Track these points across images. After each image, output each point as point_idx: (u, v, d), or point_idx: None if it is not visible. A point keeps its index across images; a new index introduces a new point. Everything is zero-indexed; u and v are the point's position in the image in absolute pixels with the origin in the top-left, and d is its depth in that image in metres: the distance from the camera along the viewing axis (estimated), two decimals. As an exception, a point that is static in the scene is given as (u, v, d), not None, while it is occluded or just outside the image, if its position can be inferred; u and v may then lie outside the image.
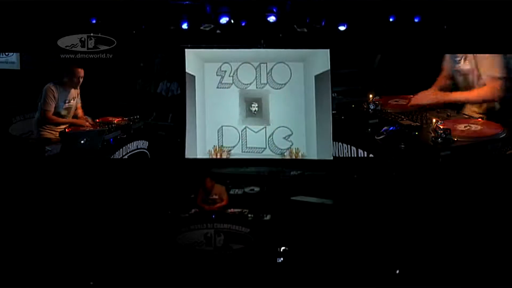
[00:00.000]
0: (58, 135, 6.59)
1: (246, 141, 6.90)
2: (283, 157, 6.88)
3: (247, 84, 6.87)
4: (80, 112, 6.83)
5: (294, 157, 6.87)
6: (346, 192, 6.81)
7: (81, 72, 6.65)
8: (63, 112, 6.64)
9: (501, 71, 6.02)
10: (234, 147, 6.91)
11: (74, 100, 6.72)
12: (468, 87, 6.25)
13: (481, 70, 6.09)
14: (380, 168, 6.50)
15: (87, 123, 6.73)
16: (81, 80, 6.68)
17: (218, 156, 6.89)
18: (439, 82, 6.42)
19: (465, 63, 6.18)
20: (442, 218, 6.39)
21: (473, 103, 6.25)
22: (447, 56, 6.42)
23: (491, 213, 6.33)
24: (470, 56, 6.17)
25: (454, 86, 6.38)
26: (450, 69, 6.39)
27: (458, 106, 6.33)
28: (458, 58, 6.27)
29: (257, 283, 6.32)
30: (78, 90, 6.80)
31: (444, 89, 6.38)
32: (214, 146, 6.93)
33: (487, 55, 6.08)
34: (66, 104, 6.64)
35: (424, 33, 6.64)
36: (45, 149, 6.53)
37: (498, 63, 6.02)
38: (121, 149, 6.84)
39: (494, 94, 6.10)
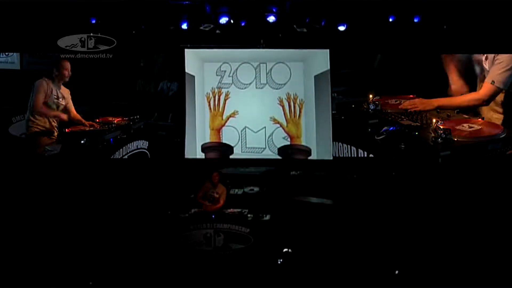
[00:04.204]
0: (46, 128, 6.60)
1: (245, 141, 6.90)
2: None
3: (247, 84, 6.88)
4: (77, 116, 6.85)
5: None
6: (346, 192, 6.81)
7: (67, 64, 6.65)
8: (53, 106, 6.64)
9: (502, 82, 6.04)
10: (234, 147, 6.91)
11: (63, 99, 6.72)
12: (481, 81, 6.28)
13: (490, 71, 6.10)
14: (380, 168, 6.50)
15: (82, 124, 6.73)
16: (68, 72, 6.67)
17: (217, 97, 6.87)
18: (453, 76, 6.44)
19: (486, 61, 6.19)
20: (442, 218, 6.39)
21: (463, 107, 6.27)
22: None
23: (491, 213, 6.33)
24: (490, 58, 6.17)
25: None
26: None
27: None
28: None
29: (257, 283, 6.32)
30: (69, 93, 6.80)
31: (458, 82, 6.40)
32: (212, 87, 6.91)
33: (503, 64, 6.07)
34: (55, 100, 6.65)
35: (424, 33, 6.64)
36: (38, 145, 6.53)
37: (505, 74, 6.03)
38: (121, 149, 6.84)
39: (481, 100, 6.14)
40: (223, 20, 6.69)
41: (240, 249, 6.49)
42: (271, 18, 6.64)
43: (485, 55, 6.20)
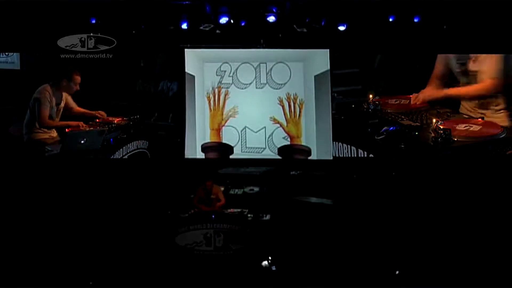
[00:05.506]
0: (52, 135, 6.59)
1: (245, 141, 6.90)
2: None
3: (247, 84, 6.88)
4: (80, 110, 6.84)
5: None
6: (346, 192, 6.81)
7: (78, 78, 6.61)
8: (53, 115, 6.62)
9: (499, 73, 6.03)
10: (234, 147, 6.91)
11: (63, 102, 6.71)
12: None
13: (484, 68, 6.10)
14: (380, 168, 6.50)
15: (83, 124, 6.72)
16: (77, 86, 6.64)
17: (217, 96, 6.87)
18: (432, 81, 6.44)
19: (474, 64, 6.19)
20: (442, 218, 6.39)
21: (468, 98, 6.26)
22: (441, 57, 6.44)
23: (491, 213, 6.33)
24: (480, 57, 6.17)
25: (450, 84, 6.41)
26: (443, 70, 6.39)
27: (455, 104, 6.34)
28: (463, 61, 6.27)
29: (257, 283, 6.32)
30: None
31: (438, 87, 6.39)
32: (212, 87, 6.90)
33: (491, 55, 6.09)
34: (57, 107, 6.64)
35: (423, 33, 6.64)
36: (43, 150, 6.52)
37: (498, 64, 6.04)
38: (121, 149, 6.84)
39: (488, 90, 6.12)
40: (223, 20, 6.69)
41: (240, 249, 6.49)
42: (271, 18, 6.64)
43: (472, 59, 6.20)
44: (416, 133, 5.82)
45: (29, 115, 6.57)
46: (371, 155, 6.16)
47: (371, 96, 6.43)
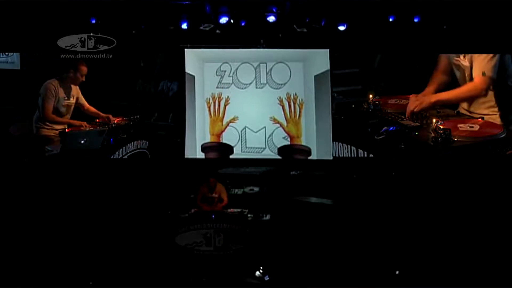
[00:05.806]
0: (57, 133, 6.63)
1: (245, 141, 6.90)
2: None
3: (247, 84, 6.88)
4: (91, 108, 6.90)
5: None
6: (346, 192, 6.81)
7: (85, 69, 6.70)
8: (62, 109, 6.68)
9: (492, 71, 5.98)
10: (234, 147, 6.91)
11: (73, 98, 6.75)
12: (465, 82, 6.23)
13: (473, 65, 6.07)
14: (380, 168, 6.50)
15: (86, 124, 6.75)
16: (83, 77, 6.72)
17: (217, 103, 6.88)
18: (436, 78, 6.39)
19: (464, 59, 6.17)
20: (442, 219, 6.38)
21: (462, 100, 6.22)
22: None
23: (491, 213, 6.32)
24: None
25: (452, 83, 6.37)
26: (448, 63, 6.36)
27: (454, 104, 6.32)
28: (457, 55, 6.24)
29: (256, 284, 6.32)
30: (78, 89, 6.84)
31: (441, 85, 6.34)
32: (212, 93, 6.91)
33: (485, 54, 6.06)
34: (66, 102, 6.68)
35: (424, 33, 6.64)
36: (44, 147, 6.55)
37: (491, 62, 6.00)
38: (121, 149, 6.85)
39: (479, 89, 6.03)
40: (223, 20, 6.69)
41: (240, 249, 6.49)
42: (271, 18, 6.64)
43: (462, 55, 6.17)
44: (416, 133, 5.82)
45: (37, 111, 6.66)
46: (371, 155, 6.16)
47: (371, 96, 6.41)
